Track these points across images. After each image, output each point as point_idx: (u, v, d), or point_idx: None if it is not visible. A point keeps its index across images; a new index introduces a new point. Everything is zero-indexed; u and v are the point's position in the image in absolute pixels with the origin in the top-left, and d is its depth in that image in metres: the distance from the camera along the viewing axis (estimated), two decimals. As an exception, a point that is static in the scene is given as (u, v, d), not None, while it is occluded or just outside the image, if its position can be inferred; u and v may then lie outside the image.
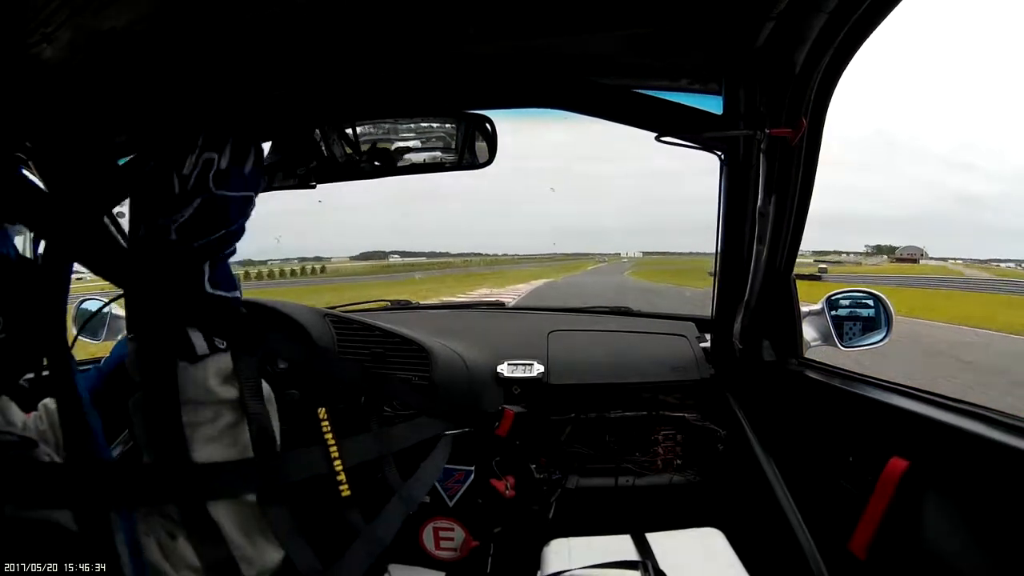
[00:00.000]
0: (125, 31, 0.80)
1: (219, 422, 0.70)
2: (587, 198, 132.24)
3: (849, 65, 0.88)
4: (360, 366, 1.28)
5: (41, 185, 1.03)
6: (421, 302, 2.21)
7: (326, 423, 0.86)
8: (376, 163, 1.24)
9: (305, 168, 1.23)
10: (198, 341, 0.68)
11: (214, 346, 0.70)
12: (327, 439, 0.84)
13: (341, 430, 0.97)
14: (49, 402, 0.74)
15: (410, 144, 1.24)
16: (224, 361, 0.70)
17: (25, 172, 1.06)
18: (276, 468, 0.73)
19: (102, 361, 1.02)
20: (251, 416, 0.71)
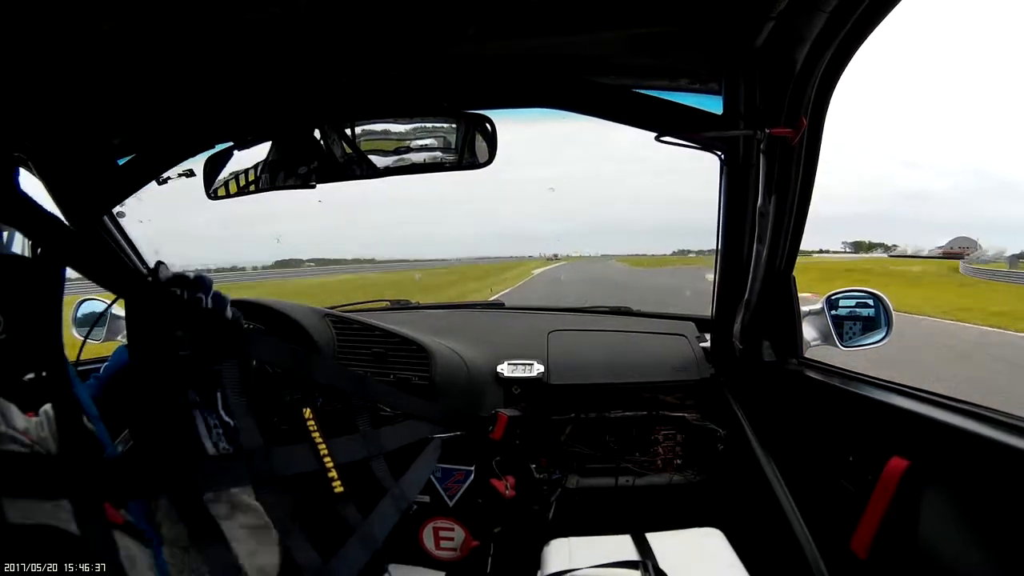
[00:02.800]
0: (125, 31, 0.80)
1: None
2: (526, 202, 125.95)
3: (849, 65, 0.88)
4: (345, 369, 1.29)
5: (40, 185, 1.03)
6: (421, 302, 2.21)
7: (312, 422, 0.88)
8: (375, 163, 1.24)
9: (307, 168, 1.23)
10: None
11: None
12: (314, 438, 0.86)
13: (336, 430, 0.98)
14: (50, 408, 0.75)
15: (410, 144, 1.24)
16: None
17: (24, 172, 1.06)
18: (264, 462, 0.74)
19: (100, 370, 1.02)
20: (235, 414, 0.72)
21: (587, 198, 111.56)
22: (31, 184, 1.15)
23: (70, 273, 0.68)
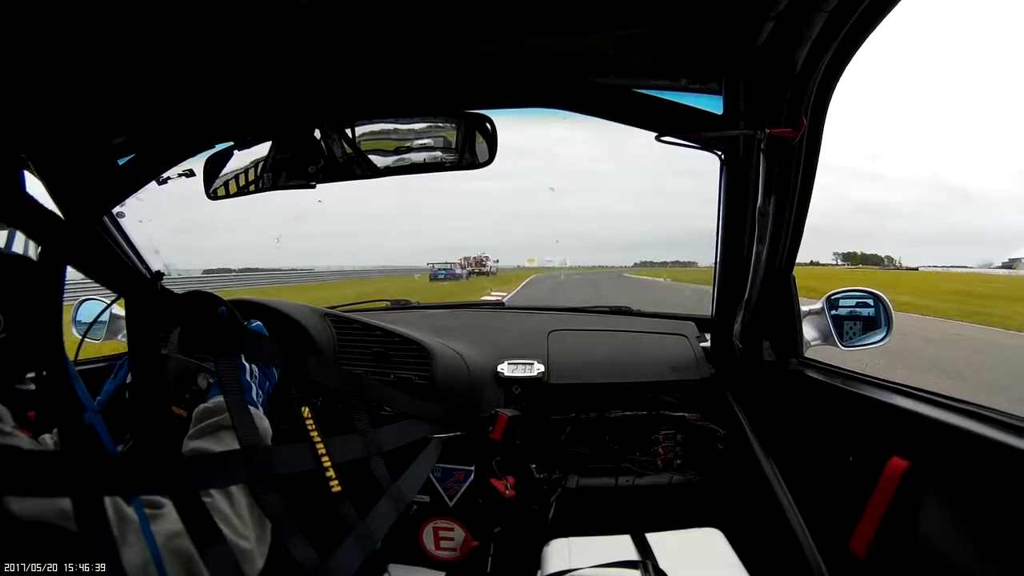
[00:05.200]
0: (125, 30, 0.80)
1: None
2: (464, 215, 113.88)
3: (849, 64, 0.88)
4: (341, 368, 1.29)
5: (40, 186, 1.03)
6: (422, 302, 2.21)
7: (310, 421, 0.88)
8: (376, 163, 1.24)
9: (315, 167, 1.23)
10: None
11: None
12: (313, 437, 0.86)
13: (336, 429, 0.98)
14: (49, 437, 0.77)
15: (410, 144, 1.24)
16: None
17: (25, 174, 1.06)
18: (262, 461, 0.75)
19: (102, 391, 1.03)
20: (232, 413, 0.73)
21: (538, 211, 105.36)
22: (31, 184, 1.15)
23: (75, 276, 0.69)
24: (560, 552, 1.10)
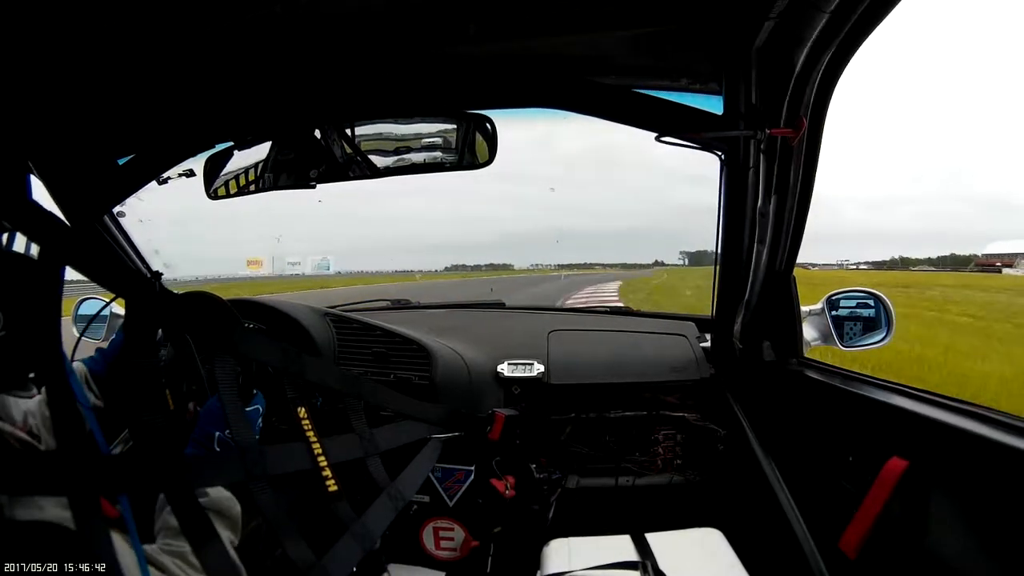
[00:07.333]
0: (126, 30, 0.80)
1: None
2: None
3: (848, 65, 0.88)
4: (338, 368, 1.29)
5: (40, 185, 1.03)
6: (422, 302, 2.21)
7: (307, 421, 0.89)
8: (376, 163, 1.24)
9: (307, 168, 1.23)
10: None
11: None
12: (309, 437, 0.87)
13: (335, 430, 0.98)
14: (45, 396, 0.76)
15: (410, 144, 1.24)
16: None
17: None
18: (257, 460, 0.75)
19: (107, 344, 1.04)
20: (227, 412, 0.74)
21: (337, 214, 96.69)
22: (32, 184, 1.15)
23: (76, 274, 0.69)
24: (560, 552, 1.10)
